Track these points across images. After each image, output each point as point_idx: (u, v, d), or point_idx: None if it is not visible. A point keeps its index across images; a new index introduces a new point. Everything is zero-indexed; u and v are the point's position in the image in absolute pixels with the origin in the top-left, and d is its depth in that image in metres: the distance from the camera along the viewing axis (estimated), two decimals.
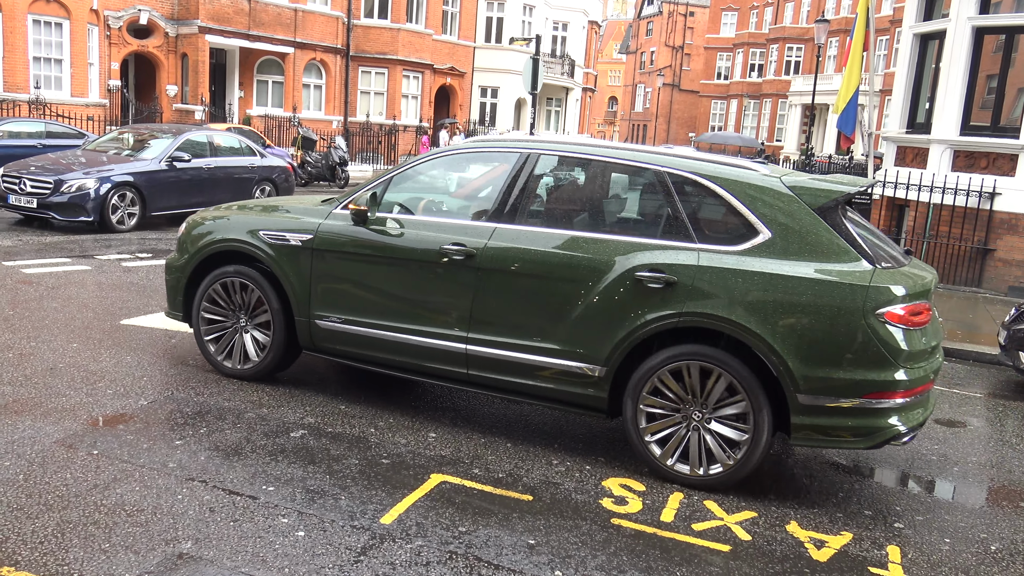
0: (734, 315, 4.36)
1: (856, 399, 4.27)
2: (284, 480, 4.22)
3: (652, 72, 70.37)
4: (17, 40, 21.81)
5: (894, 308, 4.24)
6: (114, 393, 5.28)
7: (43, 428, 4.62)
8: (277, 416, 5.12)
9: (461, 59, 36.41)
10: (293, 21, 28.78)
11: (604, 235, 4.75)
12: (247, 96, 29.11)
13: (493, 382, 4.97)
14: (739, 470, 4.46)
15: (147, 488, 4.01)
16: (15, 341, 6.20)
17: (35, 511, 3.71)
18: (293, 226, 5.48)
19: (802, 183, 4.59)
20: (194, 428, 4.80)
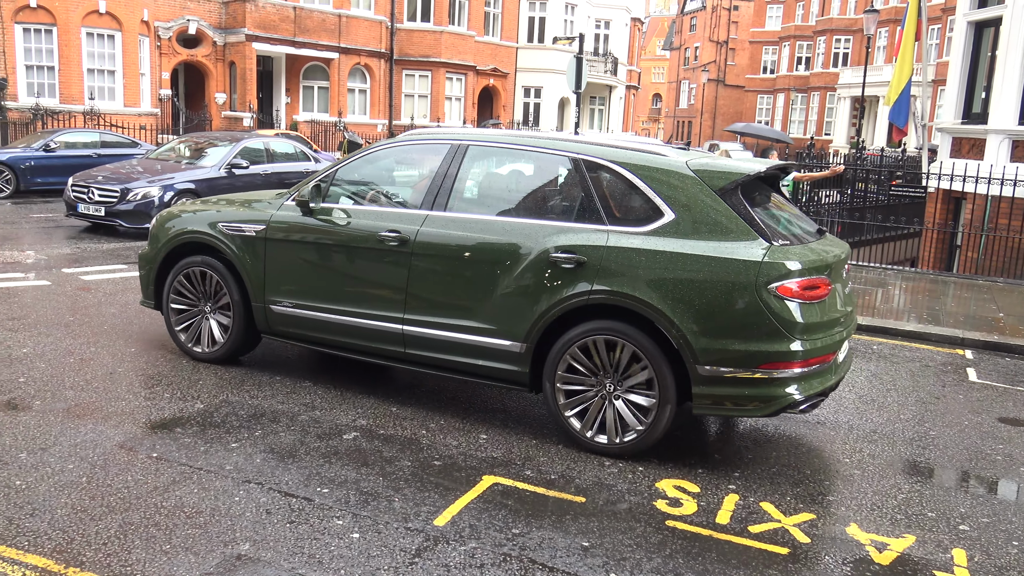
0: (638, 292, 4.61)
1: (752, 369, 4.50)
2: (338, 482, 4.26)
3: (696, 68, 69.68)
4: (72, 53, 22.42)
5: (787, 283, 4.45)
6: (171, 397, 5.38)
7: (104, 431, 4.73)
8: (330, 419, 5.17)
9: (504, 60, 36.46)
10: (337, 27, 29.11)
11: (523, 219, 5.05)
12: (293, 102, 29.52)
13: (428, 360, 5.27)
14: (648, 436, 4.72)
15: (205, 490, 4.08)
16: (76, 347, 6.36)
17: (98, 513, 3.79)
18: (248, 217, 5.88)
19: (705, 166, 4.82)
20: (249, 431, 4.88)
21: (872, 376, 7.05)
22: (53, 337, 6.57)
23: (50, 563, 3.38)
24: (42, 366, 5.84)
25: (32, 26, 22.24)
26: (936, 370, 7.41)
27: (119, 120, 22.77)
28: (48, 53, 22.46)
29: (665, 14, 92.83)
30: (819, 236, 5.13)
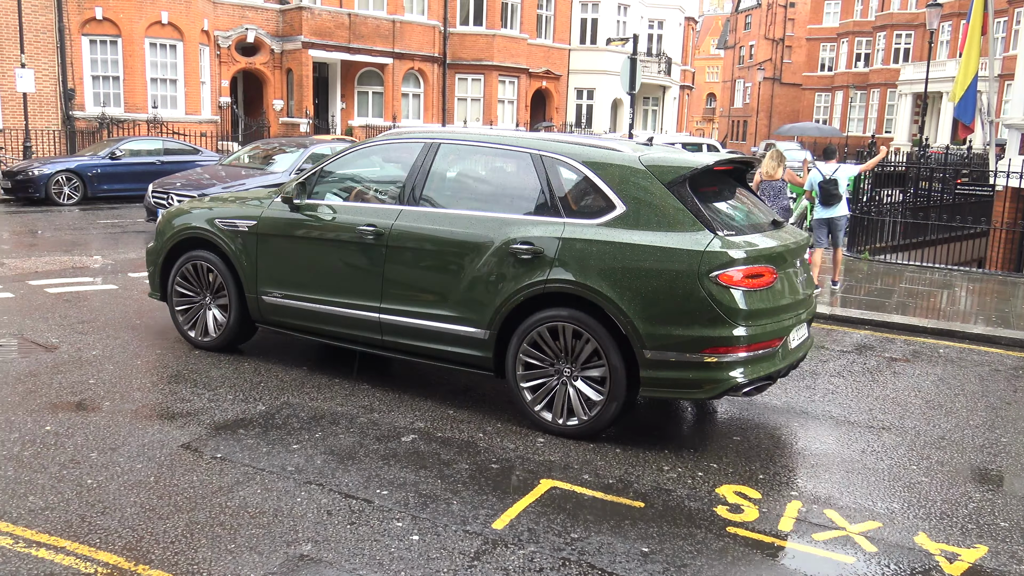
0: (589, 281, 4.86)
1: (696, 354, 4.70)
2: (397, 484, 4.30)
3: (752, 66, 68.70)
4: (136, 63, 23.07)
5: (729, 271, 4.66)
6: (234, 399, 5.49)
7: (170, 432, 4.85)
8: (388, 421, 5.22)
9: (556, 62, 36.44)
10: (391, 32, 29.42)
11: (488, 213, 5.32)
12: (348, 107, 29.93)
13: (403, 347, 5.60)
14: (600, 418, 4.94)
15: (268, 491, 4.15)
16: (142, 349, 6.53)
17: (166, 512, 3.89)
18: (242, 213, 6.28)
19: (656, 161, 5.05)
20: (310, 432, 4.95)
21: (939, 380, 6.86)
22: (121, 340, 6.76)
23: (121, 560, 3.48)
24: (111, 368, 6.02)
25: (98, 38, 22.95)
26: (1006, 374, 7.18)
27: (181, 127, 23.36)
28: (113, 64, 23.15)
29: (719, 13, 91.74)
30: (774, 227, 5.37)
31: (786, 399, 6.13)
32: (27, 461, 4.37)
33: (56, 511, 3.85)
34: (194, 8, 24.06)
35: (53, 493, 4.03)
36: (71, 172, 17.24)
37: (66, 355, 6.28)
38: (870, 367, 7.18)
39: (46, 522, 3.75)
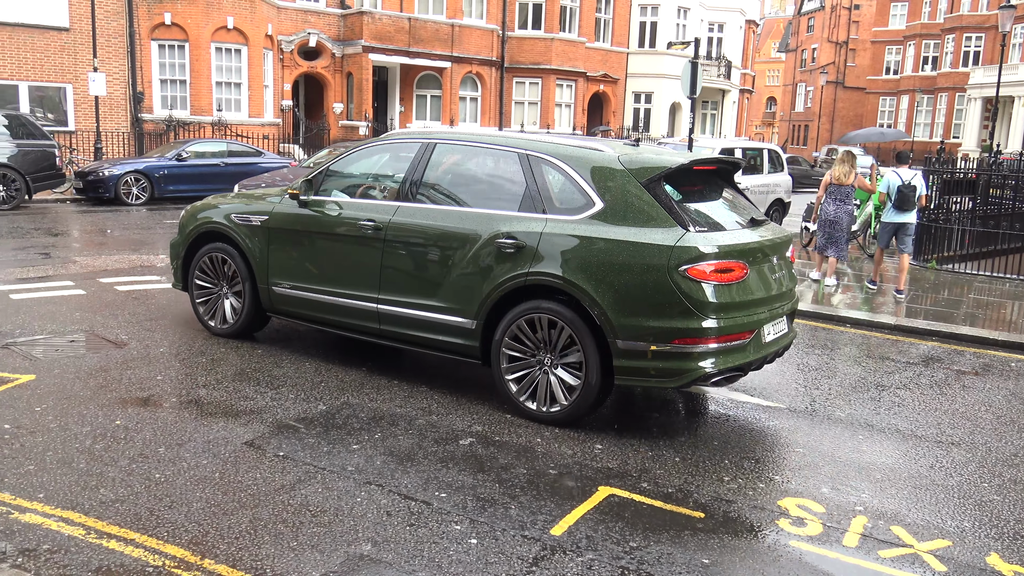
0: (566, 273, 5.10)
1: (665, 344, 4.90)
2: (455, 487, 4.31)
3: (814, 70, 67.43)
4: (202, 67, 23.65)
5: (698, 265, 4.86)
6: (295, 398, 5.58)
7: (234, 429, 4.95)
8: (446, 423, 5.25)
9: (614, 65, 36.28)
10: (450, 36, 29.65)
11: (477, 209, 5.62)
12: (407, 110, 30.23)
13: (399, 335, 5.90)
14: (579, 406, 5.18)
15: (329, 490, 4.21)
16: (207, 347, 6.68)
17: (230, 508, 3.97)
18: (256, 209, 6.66)
19: (633, 160, 5.29)
20: (369, 433, 5.00)
21: (1010, 395, 6.64)
22: (186, 337, 6.93)
23: (187, 554, 3.56)
24: (177, 365, 6.17)
25: (166, 42, 23.59)
26: None
27: (244, 130, 23.87)
28: (180, 67, 23.76)
29: (781, 15, 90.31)
30: (753, 225, 5.54)
31: (850, 411, 6.00)
32: (98, 454, 4.51)
33: (126, 504, 3.96)
34: (259, 13, 24.57)
35: (123, 486, 4.14)
36: (139, 173, 17.74)
37: (135, 351, 6.46)
38: (938, 380, 6.98)
39: (116, 514, 3.85)
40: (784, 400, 6.18)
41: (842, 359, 7.56)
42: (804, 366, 7.20)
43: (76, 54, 22.48)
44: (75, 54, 22.48)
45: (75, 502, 3.95)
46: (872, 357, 7.70)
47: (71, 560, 3.45)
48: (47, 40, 22.09)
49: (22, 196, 16.04)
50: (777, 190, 18.07)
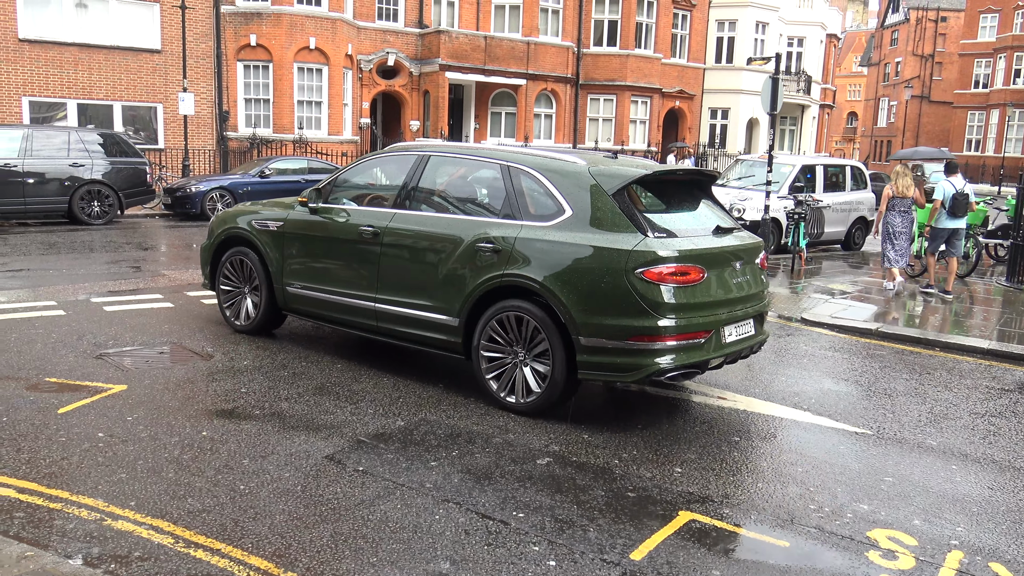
0: (536, 275, 5.54)
1: (623, 341, 5.29)
2: (533, 507, 4.29)
3: (898, 84, 65.55)
4: (285, 86, 24.35)
5: (653, 268, 5.23)
6: (374, 413, 5.65)
7: (315, 443, 5.04)
8: (523, 442, 5.23)
9: (690, 81, 35.96)
10: (526, 54, 29.85)
11: (462, 216, 6.16)
12: (482, 128, 30.51)
13: (394, 332, 6.41)
14: (548, 397, 5.60)
15: (407, 506, 4.23)
16: (289, 360, 6.83)
17: (312, 521, 4.03)
18: (273, 216, 7.29)
19: (602, 170, 5.72)
20: (447, 450, 5.02)
21: None
22: (269, 351, 7.09)
23: (271, 566, 3.62)
24: (260, 378, 6.32)
25: (251, 63, 24.38)
26: None
27: (323, 147, 24.46)
28: (264, 87, 24.52)
29: (863, 28, 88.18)
30: (718, 232, 5.89)
31: (942, 439, 5.76)
32: (186, 464, 4.64)
33: (212, 514, 4.06)
34: (340, 34, 25.19)
35: (209, 496, 4.25)
36: (224, 189, 18.32)
37: (220, 364, 6.64)
38: None
39: (203, 524, 3.95)
40: (872, 426, 5.97)
41: (932, 384, 7.28)
42: (892, 391, 6.96)
43: (167, 75, 23.41)
44: (166, 75, 23.42)
45: (164, 511, 4.06)
46: (964, 382, 7.39)
47: (160, 568, 3.55)
48: (140, 62, 23.08)
49: (115, 211, 16.74)
50: (860, 208, 17.60)
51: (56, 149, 16.05)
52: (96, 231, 15.48)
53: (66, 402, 5.56)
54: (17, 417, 5.24)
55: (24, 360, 6.50)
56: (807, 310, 10.08)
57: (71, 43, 22.10)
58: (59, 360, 6.54)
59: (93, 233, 15.07)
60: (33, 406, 5.45)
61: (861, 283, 12.62)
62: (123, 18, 22.88)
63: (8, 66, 21.34)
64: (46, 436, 4.96)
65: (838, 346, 8.58)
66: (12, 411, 5.34)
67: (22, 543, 3.61)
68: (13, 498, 4.13)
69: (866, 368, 7.70)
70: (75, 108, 22.41)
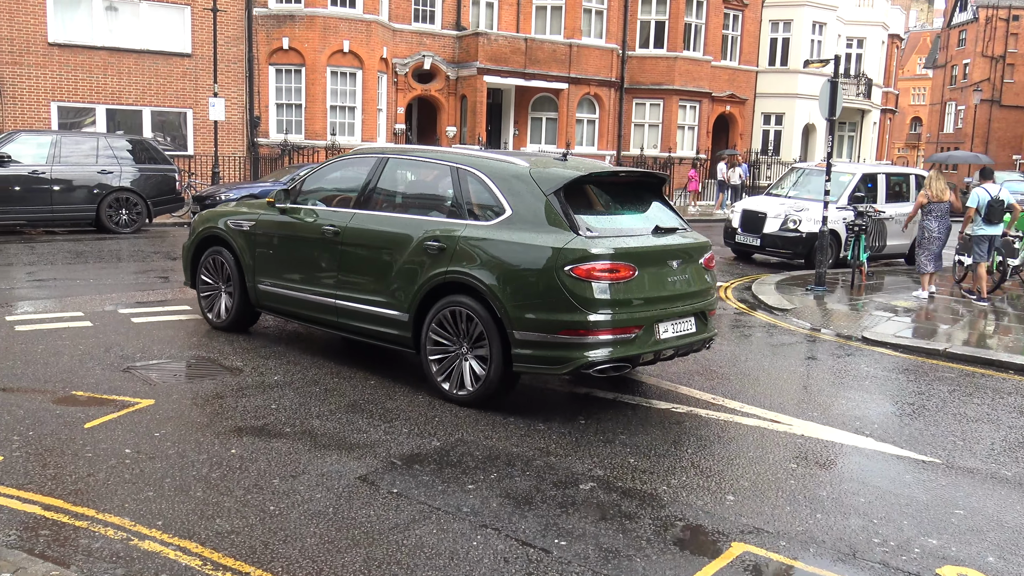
0: (475, 272, 6.05)
1: (553, 335, 5.79)
2: (576, 535, 4.26)
3: (966, 87, 64.46)
4: (317, 91, 24.69)
5: (581, 266, 5.70)
6: (409, 432, 5.67)
7: (347, 463, 5.06)
8: (565, 465, 5.21)
9: (742, 85, 35.75)
10: (568, 57, 29.91)
11: (413, 215, 6.72)
12: (521, 134, 30.61)
13: (352, 328, 6.99)
14: (487, 388, 6.11)
15: (444, 531, 4.23)
16: (320, 376, 6.89)
17: (344, 545, 4.04)
18: (246, 216, 7.91)
19: (542, 172, 6.20)
20: (484, 473, 5.02)
21: None
22: (300, 366, 7.16)
23: None
24: (291, 394, 6.38)
25: (283, 67, 24.78)
26: None
27: None
28: (296, 92, 24.89)
29: (928, 28, 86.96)
30: (658, 232, 6.36)
31: (1018, 470, 5.62)
32: (215, 483, 4.69)
33: (241, 535, 4.09)
34: (374, 37, 25.50)
35: (238, 517, 4.29)
36: (254, 197, 18.57)
37: (249, 379, 6.72)
38: None
39: (232, 546, 3.99)
40: (940, 454, 5.84)
41: (1006, 409, 7.11)
42: (962, 416, 6.81)
43: (197, 79, 23.88)
44: (196, 79, 23.89)
45: (192, 531, 4.11)
46: None
47: None
48: (170, 66, 23.57)
49: (143, 220, 17.07)
50: None
51: (84, 156, 16.45)
52: (124, 240, 15.79)
53: (93, 416, 5.66)
54: (43, 431, 5.35)
55: (51, 372, 6.64)
56: (868, 328, 9.92)
57: (101, 47, 22.67)
58: (86, 373, 6.67)
59: (121, 242, 15.38)
60: (59, 420, 5.56)
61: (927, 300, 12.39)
62: (153, 22, 23.41)
63: (37, 71, 21.94)
64: (72, 451, 5.05)
65: (902, 367, 8.43)
66: (39, 425, 5.45)
67: (47, 562, 3.68)
68: (38, 515, 4.21)
69: (933, 391, 7.55)
70: (104, 113, 22.95)
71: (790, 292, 12.46)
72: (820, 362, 8.49)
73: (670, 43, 32.14)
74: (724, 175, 29.54)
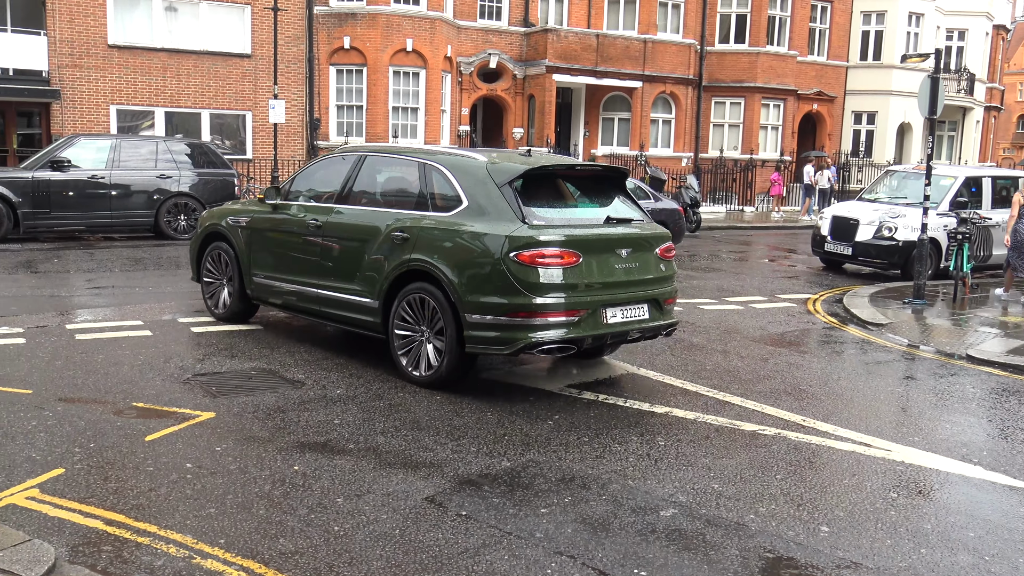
0: (432, 259, 6.86)
1: (501, 317, 6.54)
2: (657, 565, 4.21)
3: None
4: (379, 92, 25.05)
5: (526, 251, 6.46)
6: (477, 451, 5.69)
7: (414, 483, 5.10)
8: (644, 489, 5.16)
9: (830, 82, 35.14)
10: (642, 53, 29.80)
11: (384, 208, 7.59)
12: (592, 135, 30.57)
13: (333, 316, 7.88)
14: (445, 369, 6.90)
15: (516, 558, 4.22)
16: (384, 391, 6.97)
17: (411, 569, 4.07)
18: (244, 213, 8.92)
19: (496, 166, 7.00)
20: (558, 495, 5.00)
21: None
22: (363, 380, 7.25)
23: None
24: (354, 409, 6.46)
25: (344, 67, 25.23)
26: None
27: None
28: (357, 92, 25.31)
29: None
30: (609, 223, 7.15)
31: None
32: (277, 501, 4.77)
33: (305, 556, 4.15)
34: (438, 35, 25.78)
35: (302, 537, 4.35)
36: None
37: (312, 392, 6.83)
38: None
39: (295, 568, 4.04)
40: None
41: None
42: None
43: (256, 81, 24.45)
44: (255, 81, 24.47)
45: (255, 551, 4.18)
46: None
47: None
48: (229, 67, 24.20)
49: None
50: None
51: (143, 160, 16.97)
52: (182, 246, 16.19)
53: (153, 429, 5.81)
54: (104, 443, 5.51)
55: (111, 383, 6.85)
56: (973, 346, 9.62)
57: (160, 48, 23.38)
58: (146, 384, 6.86)
59: (179, 248, 15.79)
60: (120, 432, 5.73)
61: None
62: (213, 22, 24.06)
63: (97, 73, 22.72)
64: (133, 465, 5.19)
65: (1012, 388, 8.14)
66: (100, 437, 5.63)
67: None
68: (100, 530, 4.33)
69: None
70: (163, 116, 23.66)
71: (885, 305, 12.17)
72: (920, 382, 8.26)
73: (752, 37, 31.78)
74: (811, 178, 29.03)
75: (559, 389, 7.26)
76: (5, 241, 15.53)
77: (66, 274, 12.59)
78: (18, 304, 10.02)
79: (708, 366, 8.30)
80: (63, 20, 22.28)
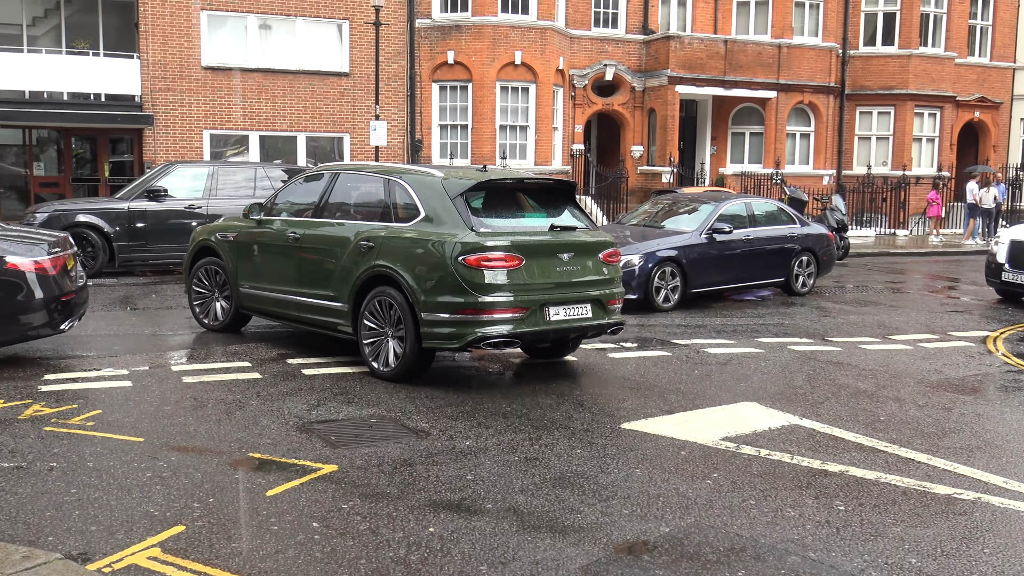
0: (395, 265, 8.42)
1: (451, 314, 8.09)
2: None
3: None
4: (485, 109, 25.33)
5: (472, 255, 7.99)
6: (630, 514, 5.56)
7: (564, 550, 5.00)
8: (828, 562, 4.91)
9: (995, 86, 33.93)
10: (776, 60, 29.35)
11: (353, 221, 9.24)
12: (720, 151, 30.20)
13: (309, 320, 9.58)
14: (405, 365, 8.50)
15: None
16: (518, 442, 6.92)
17: None
18: (232, 228, 10.60)
19: (450, 180, 8.67)
20: (730, 569, 4.82)
21: None
22: (493, 429, 7.22)
23: None
24: (487, 463, 6.42)
25: (448, 83, 25.64)
26: None
27: None
28: (462, 111, 25.66)
29: None
30: (553, 231, 8.78)
31: None
32: (415, 567, 4.74)
33: None
34: (549, 46, 25.95)
35: None
36: None
37: (438, 443, 6.83)
38: None
39: None
40: None
41: None
42: None
43: (355, 101, 25.05)
44: (353, 101, 25.07)
45: None
46: None
47: None
48: (326, 87, 24.86)
49: None
50: None
51: (238, 188, 17.50)
52: None
53: (273, 483, 5.89)
54: (224, 499, 5.61)
55: (225, 430, 7.00)
56: None
57: (255, 68, 24.19)
58: (261, 431, 6.99)
59: None
60: (239, 486, 5.83)
61: None
62: (309, 39, 24.79)
63: (190, 96, 23.66)
64: (257, 523, 5.26)
65: None
66: (219, 491, 5.73)
67: None
68: None
69: None
70: (257, 141, 24.45)
71: None
72: None
73: (902, 38, 30.96)
74: (975, 197, 27.97)
75: (714, 442, 7.07)
76: (100, 275, 16.21)
77: (166, 311, 13.04)
78: (120, 343, 10.41)
79: (882, 416, 7.97)
80: (156, 42, 23.30)
